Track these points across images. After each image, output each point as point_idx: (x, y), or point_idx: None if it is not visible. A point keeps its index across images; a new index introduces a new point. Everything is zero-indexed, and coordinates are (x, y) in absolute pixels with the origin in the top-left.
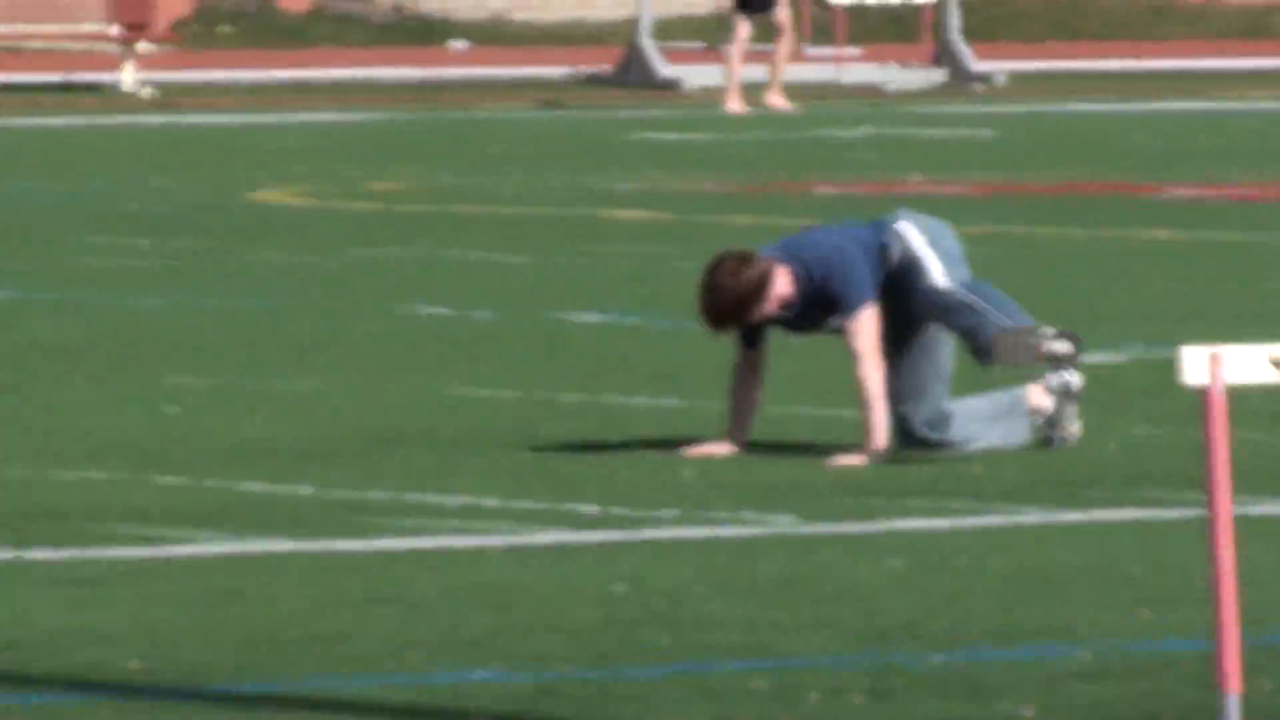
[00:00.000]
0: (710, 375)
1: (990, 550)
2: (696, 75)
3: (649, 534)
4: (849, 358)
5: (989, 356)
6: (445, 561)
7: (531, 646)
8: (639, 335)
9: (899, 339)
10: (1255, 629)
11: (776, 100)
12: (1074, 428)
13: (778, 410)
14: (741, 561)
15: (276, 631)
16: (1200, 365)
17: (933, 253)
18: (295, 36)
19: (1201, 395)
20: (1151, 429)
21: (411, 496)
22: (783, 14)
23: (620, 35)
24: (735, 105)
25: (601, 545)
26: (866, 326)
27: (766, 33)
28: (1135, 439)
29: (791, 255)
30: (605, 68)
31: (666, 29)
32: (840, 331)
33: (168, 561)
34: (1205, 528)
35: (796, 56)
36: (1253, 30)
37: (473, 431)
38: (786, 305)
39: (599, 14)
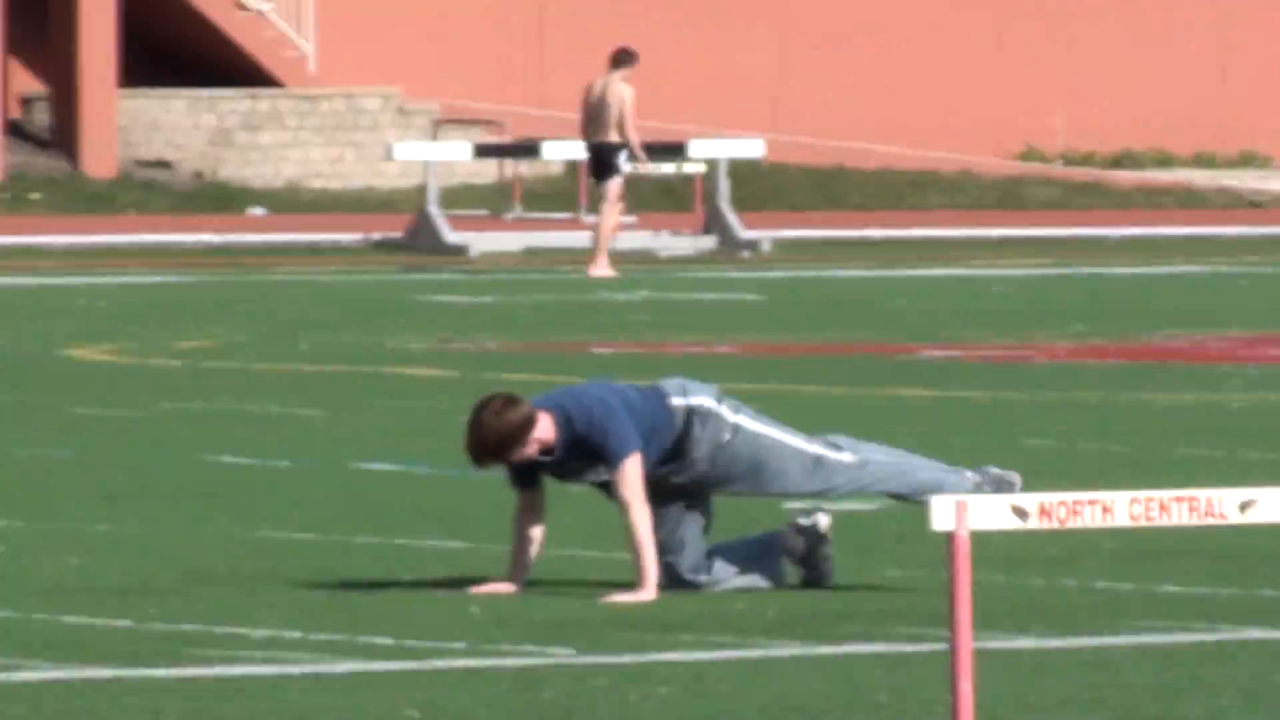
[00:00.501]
0: (494, 520)
1: (750, 679)
2: (482, 241)
3: (439, 664)
4: (619, 506)
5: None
6: (251, 687)
7: None
8: (428, 483)
9: (661, 499)
10: None
11: (603, 269)
12: (827, 566)
13: (561, 552)
14: (523, 689)
15: None
16: (947, 513)
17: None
18: (103, 202)
19: (947, 540)
20: (902, 572)
21: (220, 629)
22: (613, 185)
23: (409, 203)
24: (604, 270)
25: (395, 674)
26: (631, 475)
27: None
28: (887, 580)
29: (556, 404)
30: (396, 234)
31: (453, 197)
32: (606, 485)
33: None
34: (947, 660)
35: (579, 225)
36: (1004, 201)
37: (275, 570)
38: (547, 450)
39: (389, 183)
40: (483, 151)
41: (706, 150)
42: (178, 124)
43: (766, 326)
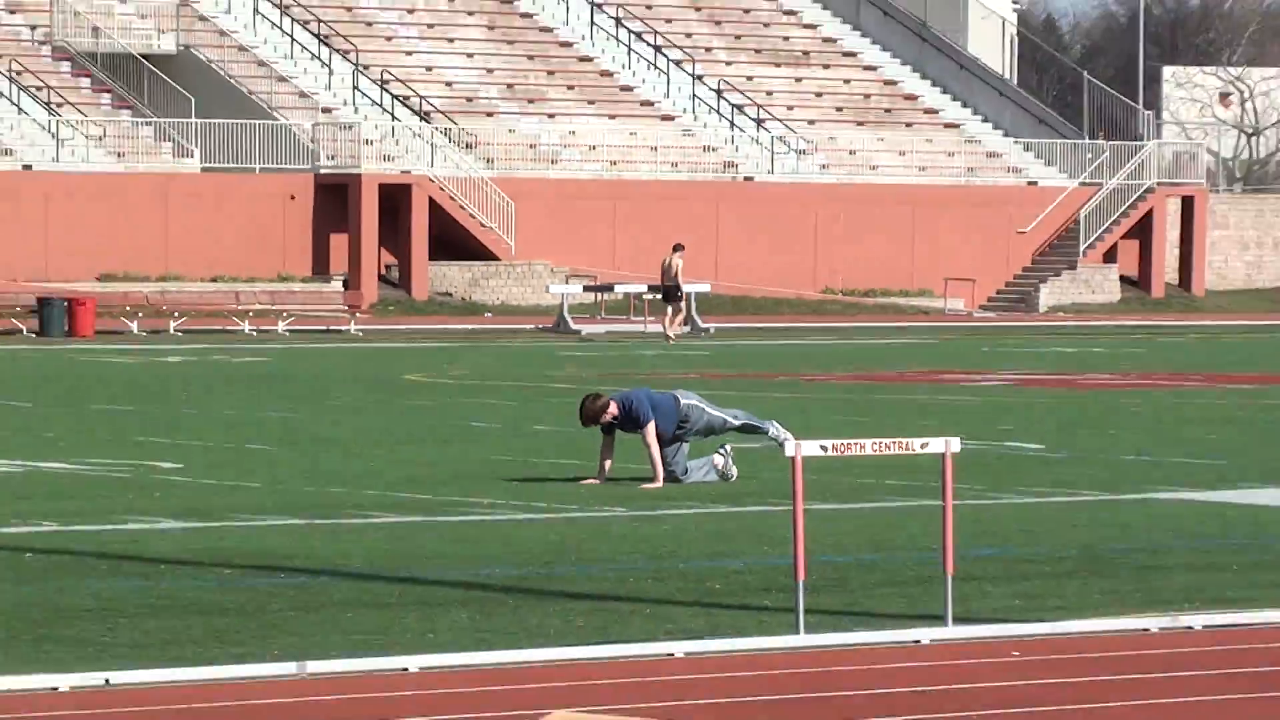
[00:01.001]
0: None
1: (689, 523)
2: (587, 328)
3: (548, 515)
4: (644, 445)
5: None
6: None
7: None
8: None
9: (669, 441)
10: None
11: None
12: (731, 472)
13: (621, 466)
14: (590, 528)
15: None
16: (793, 448)
17: (708, 406)
18: (421, 311)
19: (792, 461)
20: (756, 480)
21: None
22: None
23: (556, 310)
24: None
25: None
26: (649, 432)
27: None
28: (744, 483)
29: (619, 397)
30: (548, 324)
31: (575, 309)
32: (641, 435)
33: None
34: (789, 516)
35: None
36: (816, 310)
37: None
38: (615, 418)
39: (549, 302)
40: (587, 289)
41: (689, 288)
42: (455, 279)
43: (711, 364)
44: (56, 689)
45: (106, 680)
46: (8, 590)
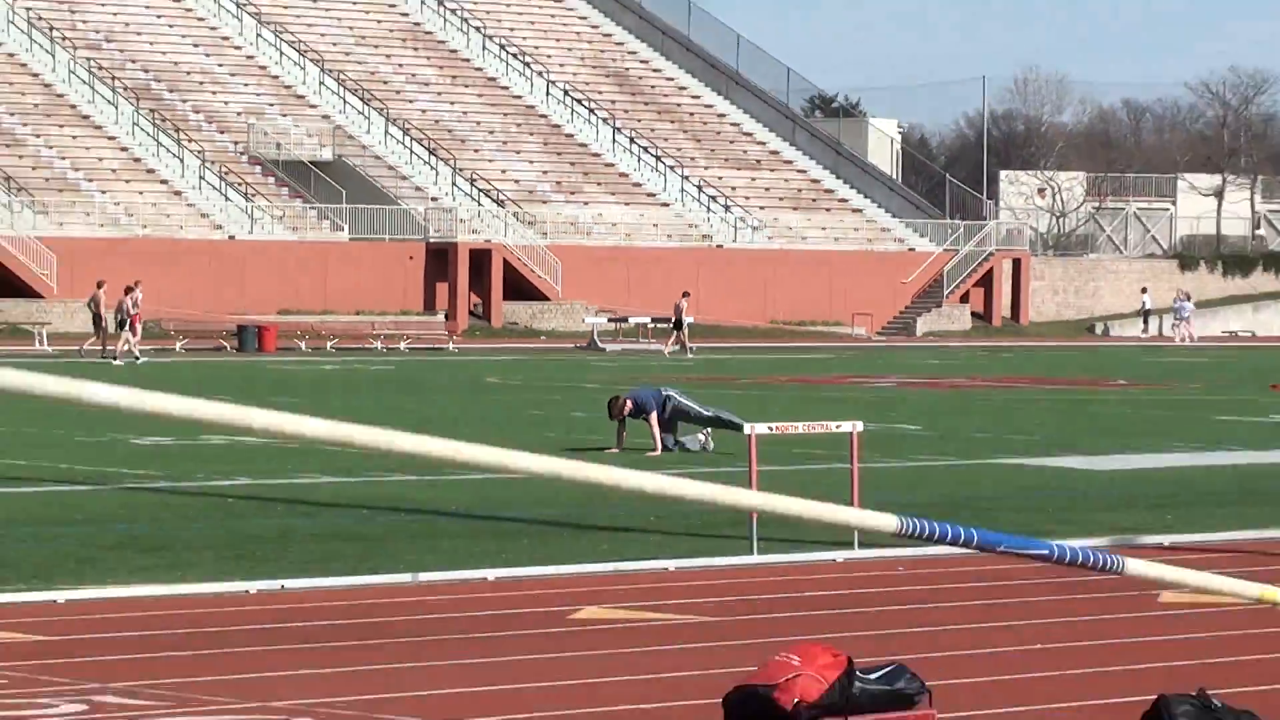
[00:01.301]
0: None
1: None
2: (611, 346)
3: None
4: (648, 425)
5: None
6: None
7: None
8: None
9: (666, 424)
10: None
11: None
12: (709, 448)
13: (634, 442)
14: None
15: None
16: (745, 430)
17: (685, 399)
18: (505, 335)
19: (749, 438)
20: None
21: None
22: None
23: (588, 335)
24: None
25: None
26: (652, 417)
27: None
28: (715, 454)
29: (631, 395)
30: (583, 343)
31: (601, 333)
32: (646, 420)
33: None
34: (746, 477)
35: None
36: (767, 335)
37: None
38: (629, 411)
39: (585, 328)
40: (610, 320)
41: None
42: (520, 313)
43: (695, 372)
44: (247, 591)
45: (282, 586)
46: (215, 522)
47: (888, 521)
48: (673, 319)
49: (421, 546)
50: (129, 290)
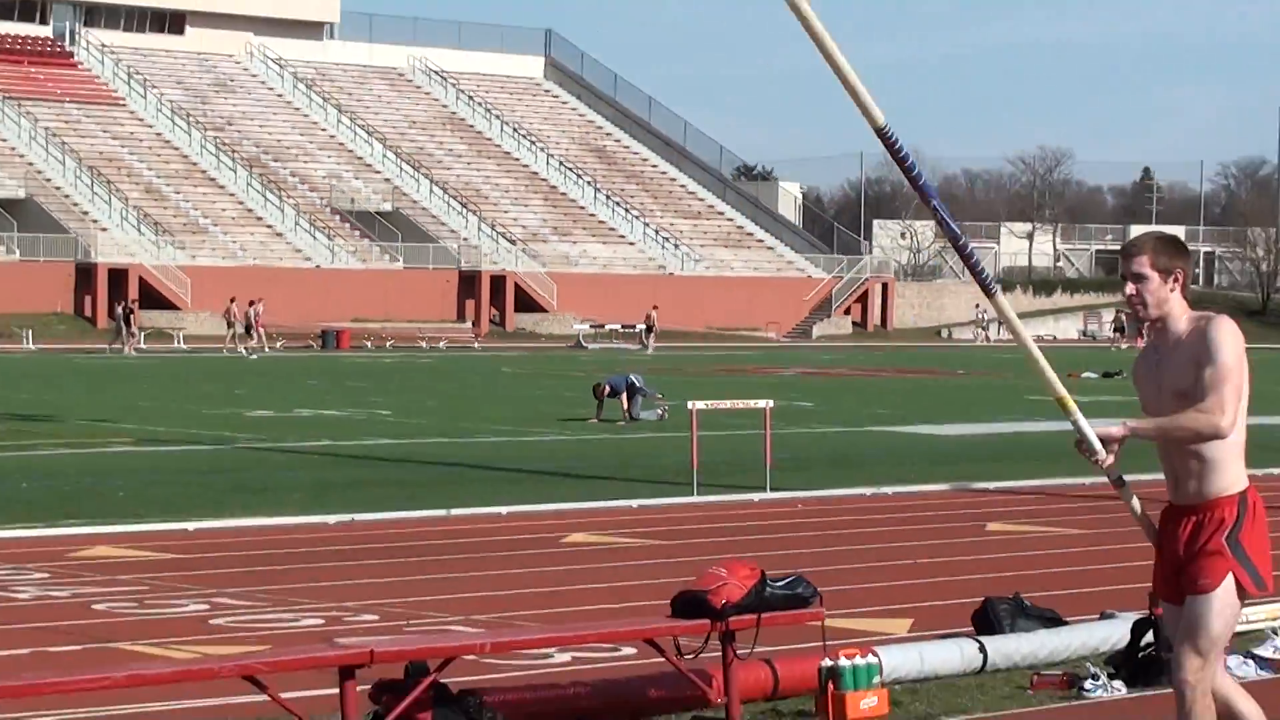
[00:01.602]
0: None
1: (623, 442)
2: (592, 343)
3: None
4: (620, 402)
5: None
6: None
7: None
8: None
9: (630, 400)
10: None
11: None
12: (664, 417)
13: (611, 418)
14: (572, 446)
15: None
16: (697, 408)
17: (641, 383)
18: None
19: (692, 413)
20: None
21: None
22: None
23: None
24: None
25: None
26: (624, 396)
27: None
28: (665, 423)
29: (608, 380)
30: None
31: (589, 336)
32: (618, 399)
33: None
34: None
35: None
36: (706, 339)
37: None
38: (607, 393)
39: (574, 332)
40: (592, 326)
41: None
42: (526, 321)
43: (654, 363)
44: (326, 523)
45: (352, 519)
46: (303, 473)
47: None
48: (645, 325)
49: (453, 490)
50: (252, 304)
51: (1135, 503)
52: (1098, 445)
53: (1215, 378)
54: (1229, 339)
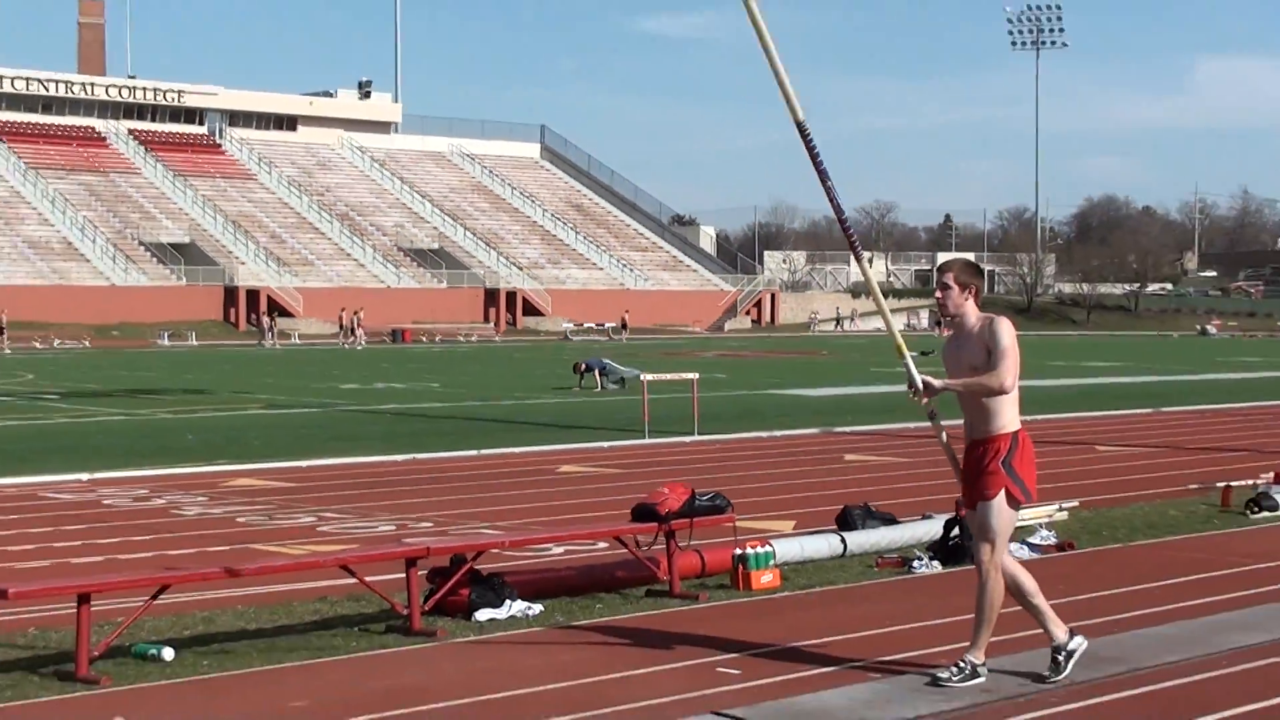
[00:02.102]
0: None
1: (596, 402)
2: (576, 335)
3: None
4: (594, 377)
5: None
6: None
7: None
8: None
9: (605, 375)
10: None
11: None
12: (632, 383)
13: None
14: (561, 408)
15: None
16: (645, 381)
17: (611, 363)
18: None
19: (643, 383)
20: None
21: None
22: None
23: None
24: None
25: None
26: (595, 372)
27: None
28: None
29: (586, 361)
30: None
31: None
32: (593, 375)
33: None
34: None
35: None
36: (661, 329)
37: None
38: (584, 370)
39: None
40: (574, 325)
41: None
42: (529, 322)
43: (620, 350)
44: (396, 460)
45: (414, 457)
46: (379, 427)
47: None
48: (620, 323)
49: (481, 437)
50: (356, 312)
51: (943, 435)
52: (920, 385)
53: (999, 355)
54: (1006, 331)
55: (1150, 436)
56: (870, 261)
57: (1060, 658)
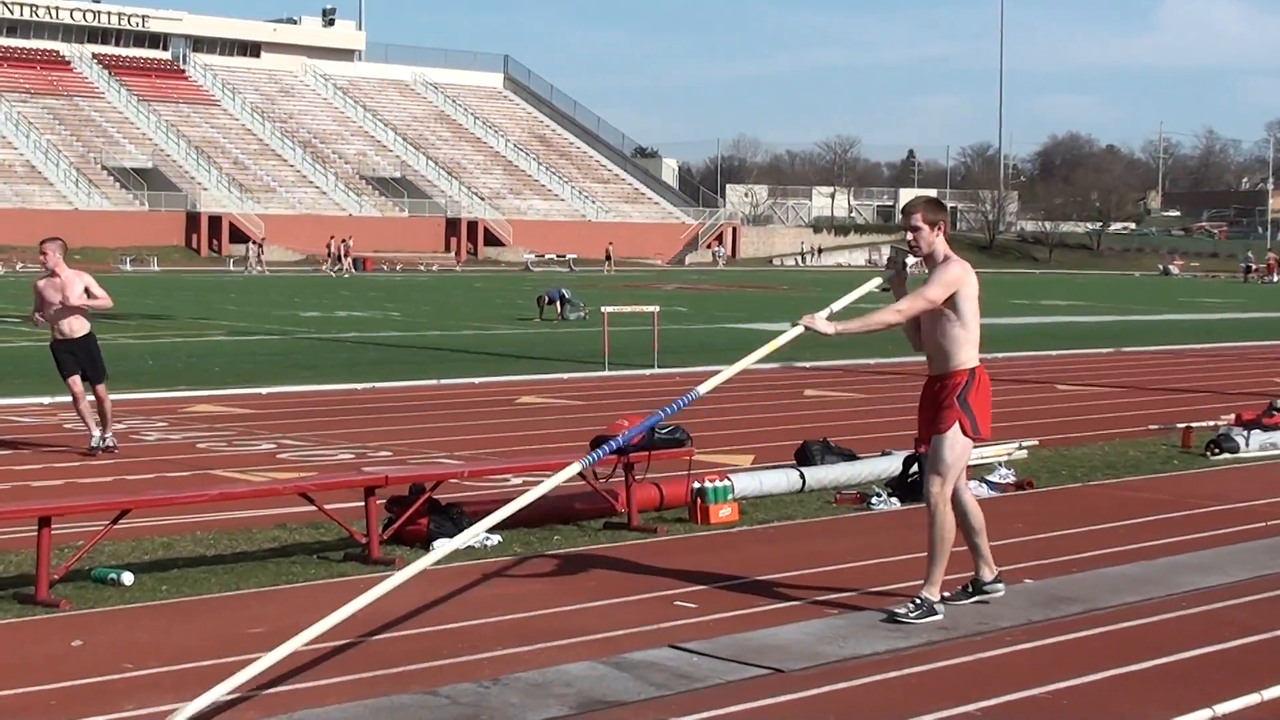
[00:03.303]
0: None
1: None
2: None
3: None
4: (555, 308)
5: None
6: None
7: None
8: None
9: (561, 307)
10: None
11: None
12: (585, 316)
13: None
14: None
15: None
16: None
17: (569, 294)
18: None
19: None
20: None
21: None
22: None
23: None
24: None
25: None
26: (558, 305)
27: None
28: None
29: (547, 292)
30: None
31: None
32: (553, 305)
33: None
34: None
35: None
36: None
37: None
38: (546, 301)
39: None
40: (536, 256)
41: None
42: (492, 253)
43: (614, 281)
44: (355, 389)
45: (373, 386)
46: (339, 355)
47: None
48: (605, 255)
49: (441, 366)
50: (344, 240)
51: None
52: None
53: (931, 280)
54: (951, 268)
55: (1111, 376)
56: (832, 197)
57: (971, 589)
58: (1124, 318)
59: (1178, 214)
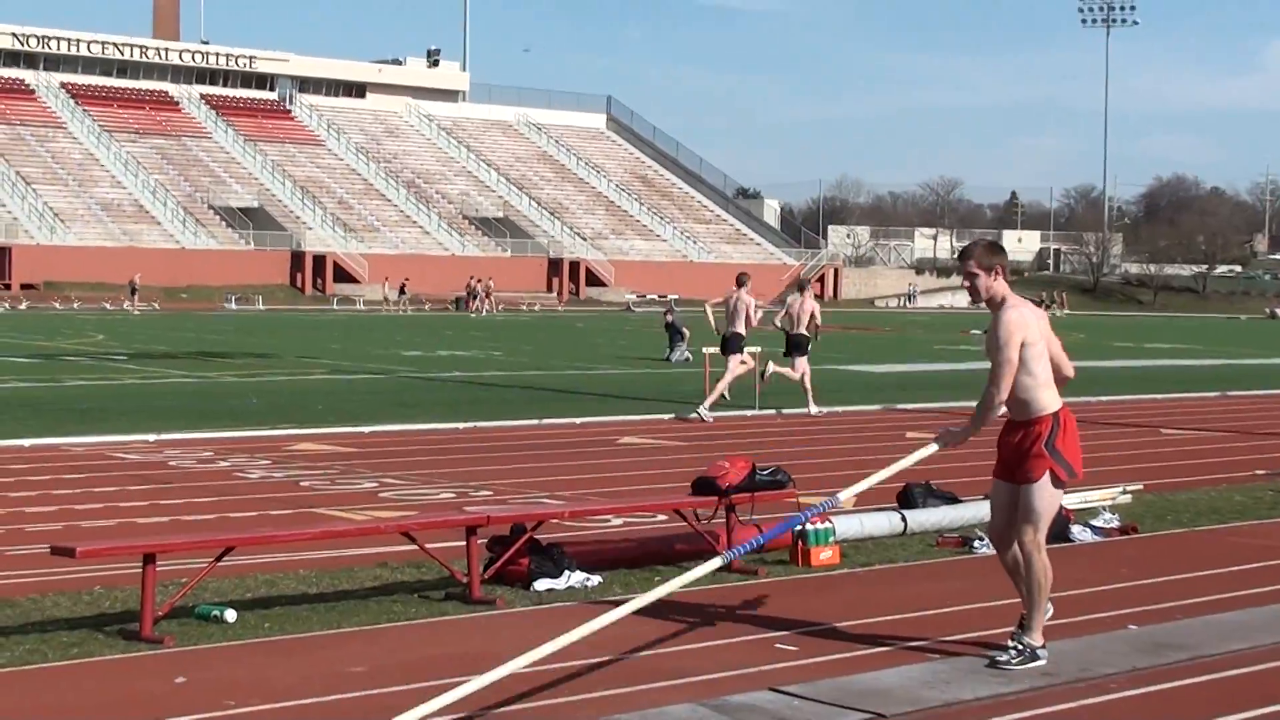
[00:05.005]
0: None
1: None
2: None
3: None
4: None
5: None
6: None
7: None
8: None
9: (670, 346)
10: None
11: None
12: (690, 357)
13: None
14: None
15: None
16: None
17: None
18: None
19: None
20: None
21: None
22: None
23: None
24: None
25: None
26: (674, 329)
27: None
28: None
29: (673, 318)
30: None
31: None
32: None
33: None
34: None
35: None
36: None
37: None
38: (670, 323)
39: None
40: (636, 296)
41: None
42: (593, 293)
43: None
44: (457, 428)
45: (475, 425)
46: (442, 394)
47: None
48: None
49: (543, 406)
50: (482, 281)
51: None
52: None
53: (998, 343)
54: (1005, 327)
55: (1216, 421)
56: (934, 238)
57: (1020, 646)
58: (1230, 361)
59: None
